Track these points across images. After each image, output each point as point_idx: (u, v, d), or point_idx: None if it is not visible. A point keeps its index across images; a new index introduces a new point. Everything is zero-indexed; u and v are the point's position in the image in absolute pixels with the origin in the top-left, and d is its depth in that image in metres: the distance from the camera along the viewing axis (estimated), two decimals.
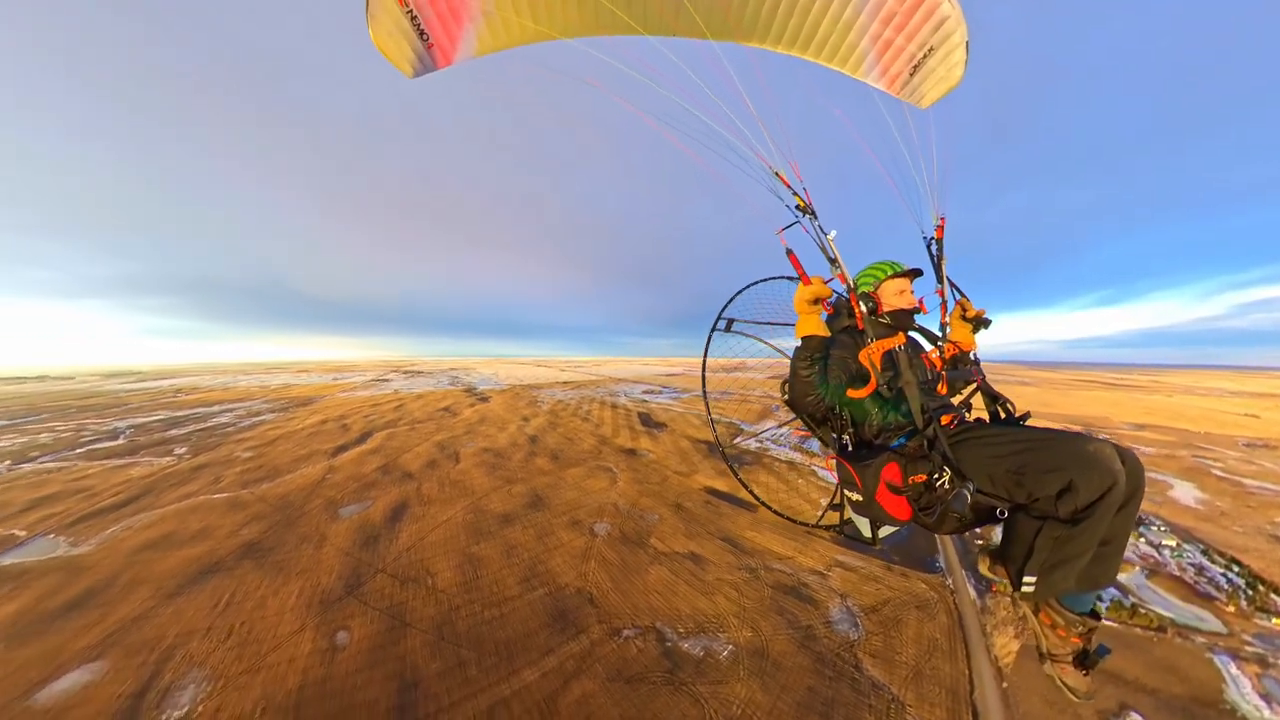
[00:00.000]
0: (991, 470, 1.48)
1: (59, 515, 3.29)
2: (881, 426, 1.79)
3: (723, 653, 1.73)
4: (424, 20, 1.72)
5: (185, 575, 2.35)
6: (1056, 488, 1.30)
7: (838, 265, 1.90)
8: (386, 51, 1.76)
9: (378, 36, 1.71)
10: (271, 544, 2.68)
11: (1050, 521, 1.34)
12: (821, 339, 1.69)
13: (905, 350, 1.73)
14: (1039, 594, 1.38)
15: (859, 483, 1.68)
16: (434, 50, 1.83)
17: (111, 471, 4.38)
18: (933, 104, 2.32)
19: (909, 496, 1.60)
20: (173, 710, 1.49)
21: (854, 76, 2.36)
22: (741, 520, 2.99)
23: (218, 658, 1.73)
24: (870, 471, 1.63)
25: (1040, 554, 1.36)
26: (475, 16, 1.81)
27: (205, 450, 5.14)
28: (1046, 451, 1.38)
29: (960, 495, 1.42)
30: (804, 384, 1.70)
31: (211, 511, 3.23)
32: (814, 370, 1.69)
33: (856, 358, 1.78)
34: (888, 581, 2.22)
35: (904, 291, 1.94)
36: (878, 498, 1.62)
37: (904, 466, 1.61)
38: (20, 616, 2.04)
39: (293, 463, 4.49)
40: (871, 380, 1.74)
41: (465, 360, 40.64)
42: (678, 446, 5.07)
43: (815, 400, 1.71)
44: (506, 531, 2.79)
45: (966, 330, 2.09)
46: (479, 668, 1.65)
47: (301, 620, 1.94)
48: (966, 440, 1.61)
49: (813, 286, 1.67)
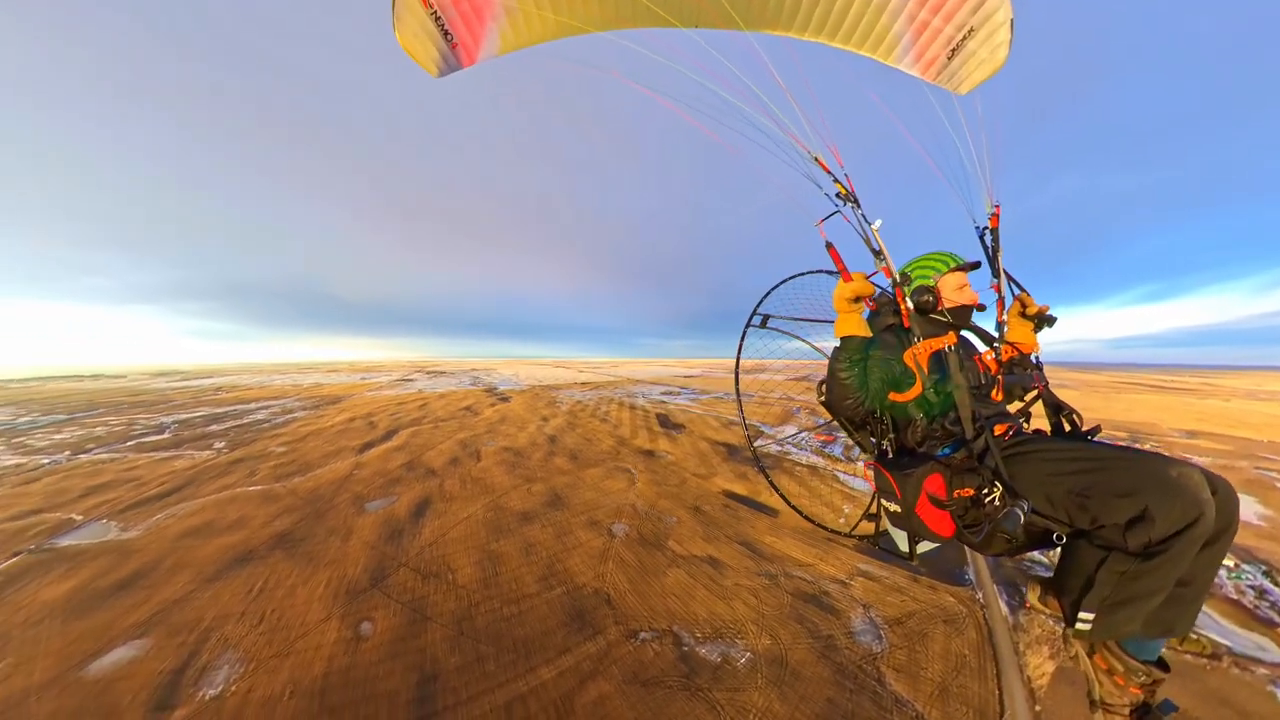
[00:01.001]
0: (1050, 490, 1.33)
1: (111, 502, 3.51)
2: (926, 433, 1.65)
3: (740, 659, 1.70)
4: (448, 20, 1.74)
5: (222, 562, 2.47)
6: (1128, 515, 1.15)
7: (882, 257, 1.75)
8: (412, 52, 1.78)
9: (403, 38, 1.73)
10: (302, 535, 2.78)
11: (1117, 553, 1.19)
12: (862, 339, 1.57)
13: (956, 351, 1.60)
14: (1096, 634, 1.22)
15: (898, 492, 1.55)
16: (458, 49, 1.85)
17: (158, 463, 4.64)
18: (973, 89, 2.16)
19: (953, 511, 1.47)
20: (209, 689, 1.57)
21: (886, 63, 2.22)
22: (761, 525, 2.94)
23: (250, 641, 1.80)
24: (911, 481, 1.51)
25: (1102, 589, 1.20)
26: (498, 14, 1.82)
27: (242, 445, 5.39)
28: (1119, 472, 1.22)
29: (1012, 514, 1.27)
30: (843, 387, 1.58)
31: (247, 503, 3.38)
32: (854, 372, 1.56)
33: (901, 359, 1.65)
34: (913, 593, 2.14)
35: (964, 286, 1.78)
36: (918, 510, 1.51)
37: (949, 478, 1.48)
38: (76, 593, 2.18)
39: (323, 458, 4.67)
40: (917, 383, 1.62)
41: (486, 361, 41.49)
42: (696, 448, 5.03)
43: (855, 404, 1.59)
44: (526, 530, 2.82)
45: (1027, 329, 1.90)
46: (497, 664, 1.67)
47: (328, 609, 2.01)
48: (1023, 454, 1.46)
49: (854, 283, 1.54)
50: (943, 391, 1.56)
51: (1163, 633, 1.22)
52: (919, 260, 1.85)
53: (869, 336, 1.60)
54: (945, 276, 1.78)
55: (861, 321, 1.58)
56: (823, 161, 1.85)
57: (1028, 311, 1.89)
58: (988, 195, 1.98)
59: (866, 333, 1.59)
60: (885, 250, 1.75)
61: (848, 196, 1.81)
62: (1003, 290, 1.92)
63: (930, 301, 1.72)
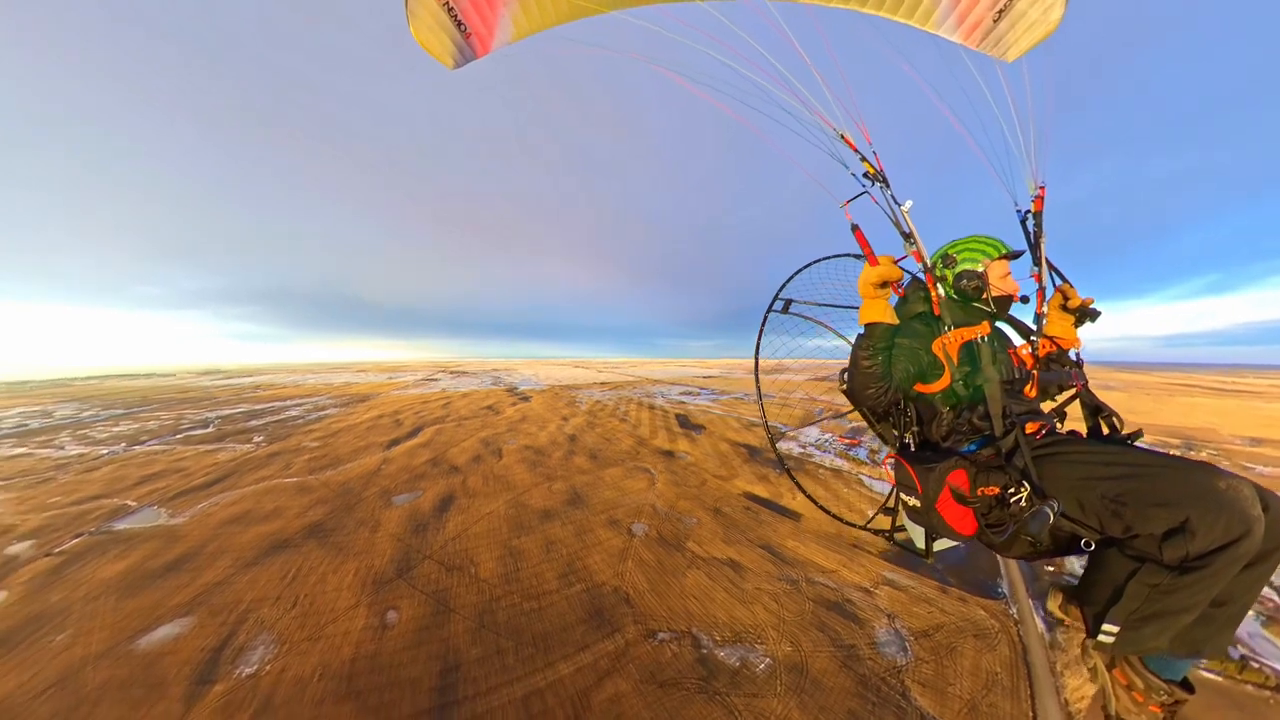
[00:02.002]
0: (1083, 494, 1.27)
1: (161, 490, 3.73)
2: (952, 428, 1.57)
3: (759, 665, 1.67)
4: (460, 11, 1.74)
5: (259, 549, 2.59)
6: (1165, 526, 1.09)
7: (913, 240, 1.65)
8: (428, 46, 1.79)
9: (418, 32, 1.74)
10: (333, 526, 2.89)
11: (1150, 565, 1.13)
12: (888, 326, 1.48)
13: (989, 343, 1.52)
14: (1120, 647, 1.17)
15: (919, 486, 1.47)
16: (472, 39, 1.84)
17: (203, 455, 4.92)
18: (1021, 55, 1.96)
19: (976, 509, 1.41)
20: (245, 667, 1.65)
21: (924, 29, 2.05)
22: (783, 529, 2.89)
23: (284, 624, 1.88)
24: (933, 476, 1.43)
25: (1131, 601, 1.15)
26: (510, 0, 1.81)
27: (278, 440, 5.65)
28: (1159, 481, 1.15)
29: (1039, 516, 1.22)
30: (865, 375, 1.50)
31: (283, 494, 3.54)
32: (877, 360, 1.48)
33: (929, 348, 1.58)
34: (942, 605, 2.06)
35: (1007, 275, 1.68)
36: (938, 506, 1.43)
37: (973, 475, 1.42)
38: (129, 573, 2.33)
39: (352, 453, 4.84)
40: (945, 374, 1.54)
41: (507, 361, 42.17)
42: (716, 449, 4.99)
43: (877, 393, 1.51)
44: (546, 527, 2.85)
45: (1067, 323, 1.78)
46: (516, 657, 1.69)
47: (357, 597, 2.08)
48: (1055, 455, 1.40)
49: (880, 267, 1.45)
50: (972, 384, 1.48)
51: (1190, 653, 1.16)
52: (964, 242, 1.73)
53: (895, 324, 1.50)
54: (994, 263, 1.67)
55: (888, 308, 1.49)
56: (849, 139, 1.73)
57: (1069, 304, 1.76)
58: (1032, 176, 1.82)
59: (893, 320, 1.50)
60: (916, 233, 1.65)
61: (876, 175, 1.70)
62: (1044, 280, 1.78)
63: (978, 287, 1.63)
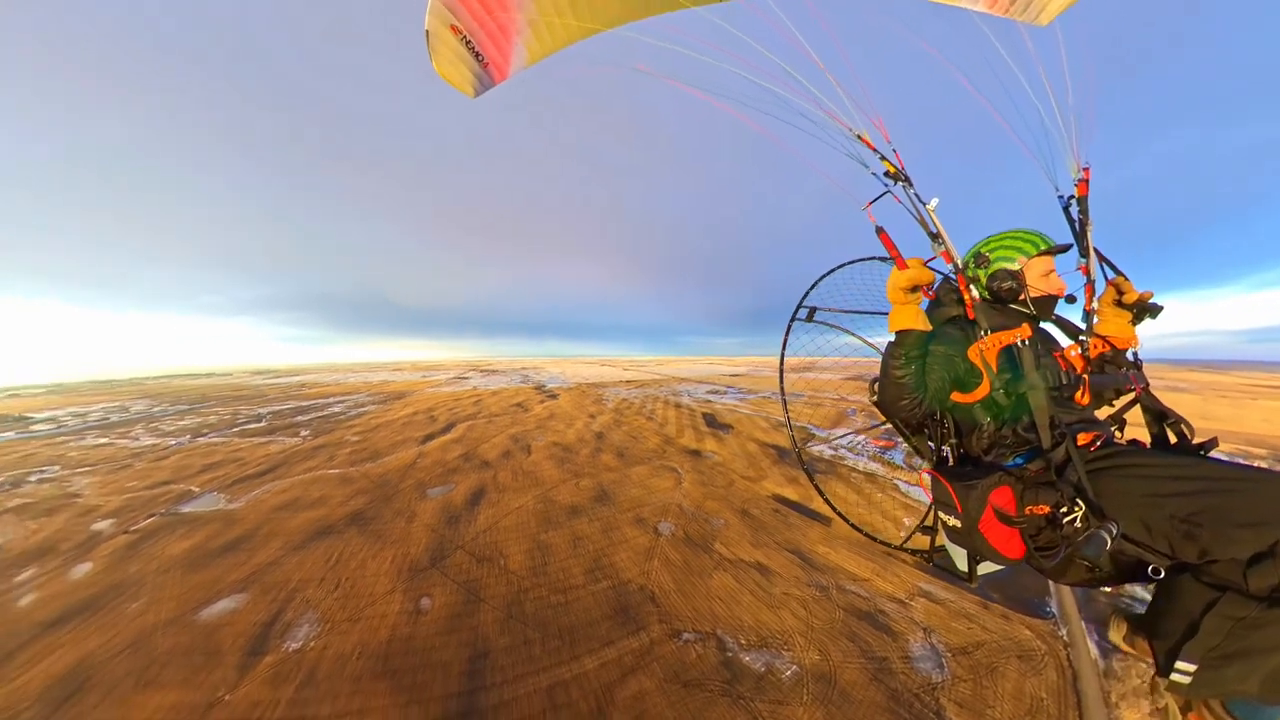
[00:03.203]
0: (1148, 514, 1.14)
1: (221, 477, 4.03)
2: (994, 440, 1.46)
3: (786, 672, 1.64)
4: (477, 44, 1.84)
5: (306, 533, 2.75)
6: (1251, 550, 0.97)
7: (941, 240, 1.55)
8: (449, 78, 1.90)
9: (440, 67, 1.85)
10: (372, 515, 3.04)
11: (1232, 595, 1.01)
12: (920, 333, 1.38)
13: (1031, 346, 1.39)
14: (1198, 690, 1.03)
15: (958, 505, 1.35)
16: (490, 68, 1.94)
17: (256, 447, 5.29)
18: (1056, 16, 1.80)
19: (1023, 530, 1.28)
20: (292, 642, 1.77)
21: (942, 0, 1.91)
22: (813, 533, 2.81)
23: (327, 605, 2.00)
24: (975, 494, 1.31)
25: (1210, 637, 1.01)
26: (522, 28, 1.89)
27: (323, 434, 6.00)
28: (1243, 497, 1.02)
29: (1096, 539, 1.09)
30: (897, 386, 1.40)
31: (327, 484, 3.75)
32: (910, 370, 1.38)
33: (965, 355, 1.47)
34: (983, 621, 1.96)
35: (1050, 273, 1.53)
36: (981, 527, 1.31)
37: (1020, 492, 1.30)
38: (193, 551, 2.53)
39: (390, 447, 5.07)
40: (984, 383, 1.43)
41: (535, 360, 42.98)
42: (744, 449, 4.91)
43: (911, 405, 1.41)
44: (574, 523, 2.90)
45: (1122, 320, 1.60)
46: (542, 648, 1.72)
47: (393, 583, 2.17)
48: (1114, 469, 1.26)
49: (909, 270, 1.35)
50: (1015, 392, 1.36)
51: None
52: (999, 238, 1.60)
53: (928, 330, 1.40)
54: (1033, 260, 1.53)
55: (919, 313, 1.39)
56: (866, 138, 1.64)
57: (1124, 299, 1.59)
58: (1074, 157, 1.64)
59: (925, 326, 1.39)
60: (944, 232, 1.54)
61: (898, 174, 1.60)
62: (1092, 272, 1.61)
63: (1013, 289, 1.50)
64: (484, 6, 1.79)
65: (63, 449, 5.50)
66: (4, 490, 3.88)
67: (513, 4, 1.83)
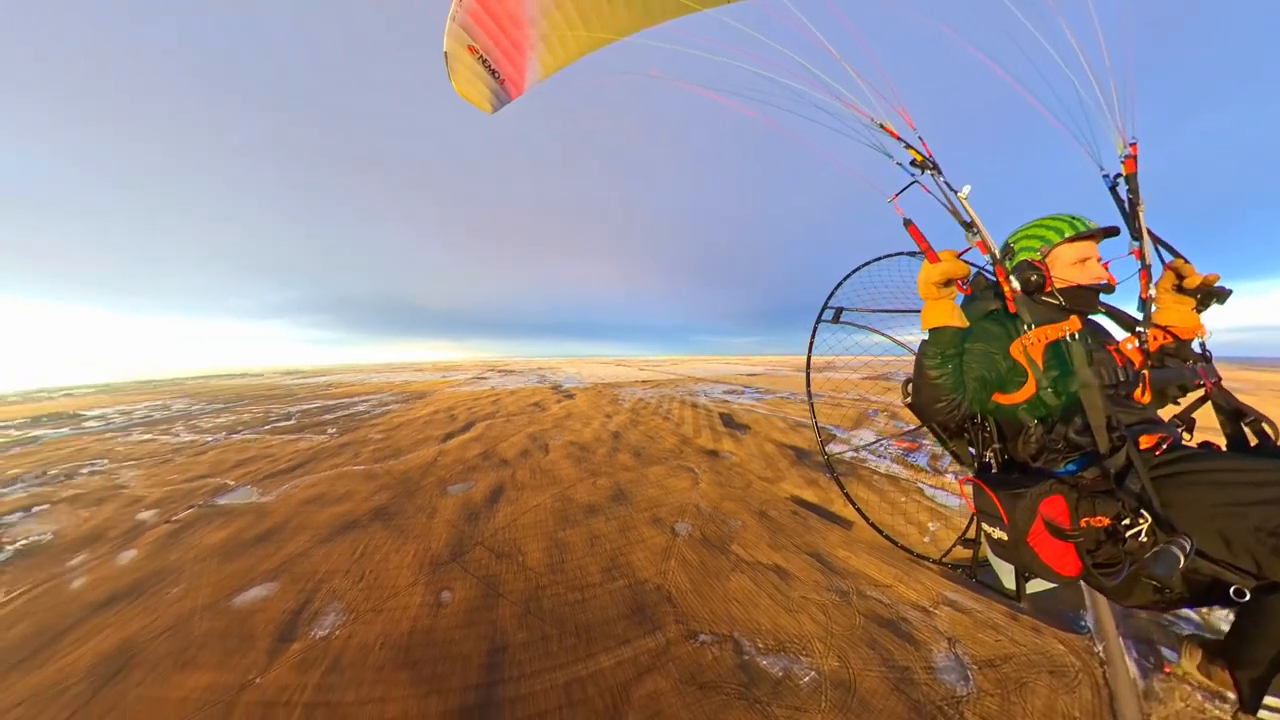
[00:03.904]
0: (1227, 526, 1.02)
1: (254, 472, 4.20)
2: (1043, 444, 1.33)
3: (804, 677, 1.61)
4: (493, 61, 1.91)
5: (333, 527, 2.84)
6: None
7: (975, 230, 1.43)
8: (468, 96, 1.98)
9: (459, 85, 1.92)
10: (395, 510, 3.12)
11: None
12: (956, 330, 1.27)
13: (1081, 340, 1.27)
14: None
15: (1004, 516, 1.23)
16: (506, 84, 2.02)
17: (286, 443, 5.50)
18: None
19: (1079, 545, 1.16)
20: (319, 630, 1.83)
21: None
22: (832, 536, 2.76)
23: (352, 596, 2.06)
24: (1023, 504, 1.19)
25: None
26: (535, 43, 1.95)
27: (348, 432, 6.20)
28: None
29: (1166, 556, 0.97)
30: (934, 387, 1.29)
31: (352, 479, 3.87)
32: (946, 370, 1.28)
33: (1007, 351, 1.35)
34: (1012, 633, 1.89)
35: (1086, 260, 1.39)
36: (1030, 540, 1.19)
37: (1074, 502, 1.17)
38: (228, 541, 2.64)
39: (412, 445, 5.20)
40: (1029, 381, 1.32)
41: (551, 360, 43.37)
42: (762, 450, 4.85)
43: (948, 407, 1.30)
44: (591, 522, 2.91)
45: (1185, 307, 1.45)
46: (559, 645, 1.74)
47: (415, 576, 2.23)
48: (1184, 475, 1.14)
49: (942, 264, 1.25)
50: (1065, 391, 1.24)
51: None
52: (1026, 226, 1.49)
53: (964, 326, 1.30)
54: (1058, 248, 1.40)
55: (954, 308, 1.29)
56: (890, 127, 1.55)
57: (1186, 284, 1.42)
58: (1118, 131, 1.49)
59: (962, 322, 1.29)
60: (978, 220, 1.43)
61: (925, 162, 1.50)
62: (1147, 256, 1.45)
63: (1036, 282, 1.36)
64: (499, 25, 1.85)
65: (111, 444, 5.83)
66: (59, 481, 4.14)
67: (526, 21, 1.88)
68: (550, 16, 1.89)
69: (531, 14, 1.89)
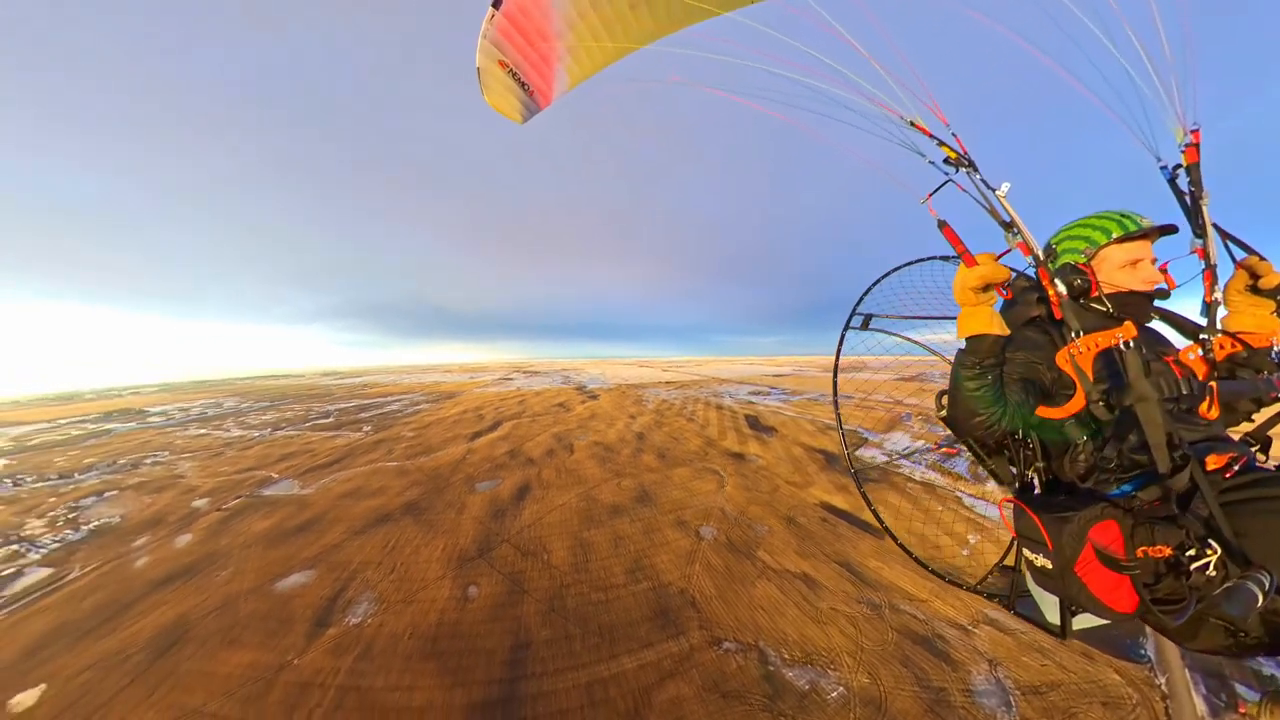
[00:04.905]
0: None
1: (295, 466, 4.44)
2: (1094, 463, 1.22)
3: (832, 693, 1.55)
4: (523, 74, 2.00)
5: (367, 520, 2.96)
6: None
7: (1016, 230, 1.35)
8: (500, 108, 2.11)
9: (491, 99, 2.03)
10: (425, 505, 3.22)
11: None
12: (996, 338, 1.18)
13: (1136, 348, 1.16)
14: None
15: (1048, 542, 1.11)
16: (535, 95, 2.12)
17: (325, 440, 5.78)
18: None
19: (1135, 577, 1.04)
20: (352, 617, 1.90)
21: None
22: (864, 546, 2.66)
23: (383, 586, 2.14)
24: (1070, 529, 1.07)
25: None
26: (562, 55, 2.04)
27: (382, 429, 6.46)
28: None
29: (1240, 593, 0.86)
30: (971, 400, 1.21)
31: (385, 475, 4.02)
32: (985, 382, 1.19)
33: (1052, 361, 1.27)
34: (1060, 658, 1.76)
35: (1138, 262, 1.28)
36: (1078, 569, 1.06)
37: (1129, 529, 1.06)
38: (272, 530, 2.79)
39: (442, 443, 5.37)
40: (1078, 394, 1.20)
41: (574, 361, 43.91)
42: (790, 454, 4.73)
43: (986, 422, 1.22)
44: (615, 522, 2.91)
45: (1262, 310, 1.30)
46: (583, 644, 1.74)
47: (444, 570, 2.29)
48: (1261, 501, 1.02)
49: (980, 267, 1.16)
50: (1119, 405, 1.13)
51: None
52: (1070, 226, 1.38)
53: (1005, 334, 1.20)
54: (1106, 249, 1.29)
55: (993, 315, 1.19)
56: (921, 124, 1.48)
57: (1262, 284, 1.27)
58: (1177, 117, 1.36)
59: (1002, 329, 1.19)
60: (1018, 220, 1.34)
61: (960, 160, 1.42)
62: (1212, 255, 1.32)
63: (1080, 287, 1.27)
64: (527, 40, 1.97)
65: (171, 437, 6.29)
66: (126, 470, 4.50)
67: (553, 34, 1.98)
68: (576, 29, 1.97)
69: (558, 28, 1.97)
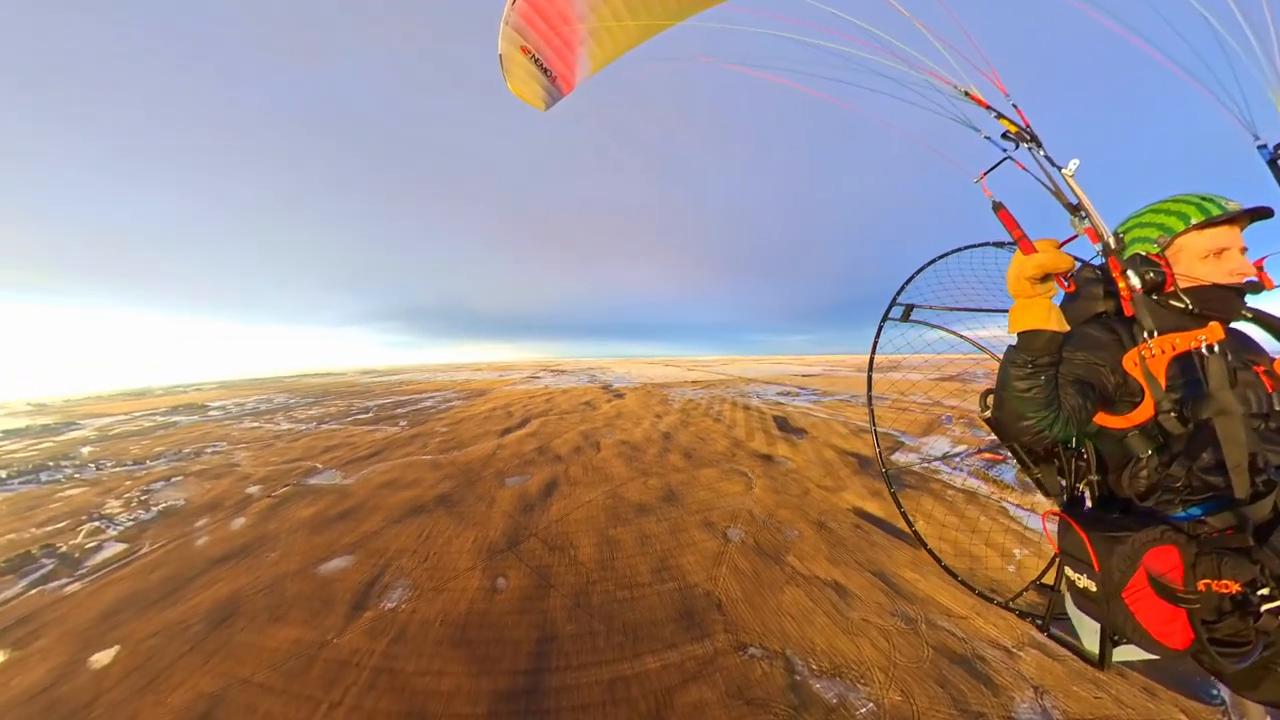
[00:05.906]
0: None
1: (338, 457, 4.68)
2: (1156, 481, 1.10)
3: (861, 709, 1.49)
4: (545, 60, 1.99)
5: (403, 510, 3.08)
6: None
7: (1084, 214, 1.21)
8: (523, 95, 2.09)
9: (514, 86, 2.01)
10: (457, 498, 3.32)
11: None
12: (1052, 335, 1.03)
13: (1221, 353, 1.04)
14: None
15: (1095, 563, 1.02)
16: (558, 81, 2.08)
17: (365, 433, 6.08)
18: None
19: (1194, 611, 0.94)
20: (386, 602, 1.98)
21: None
22: (899, 555, 2.55)
23: (417, 574, 2.22)
24: (1121, 550, 0.98)
25: None
26: (584, 39, 2.00)
27: (417, 425, 6.74)
28: None
29: None
30: (1020, 402, 1.07)
31: (420, 468, 4.18)
32: (1038, 382, 1.05)
33: (1118, 364, 1.14)
34: (1118, 691, 1.63)
35: (1224, 251, 1.11)
36: (1126, 596, 0.97)
37: (1191, 557, 0.95)
38: (316, 516, 2.96)
39: (473, 438, 5.53)
40: (1145, 402, 1.09)
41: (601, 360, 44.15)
42: (821, 456, 4.59)
43: (1036, 427, 1.07)
44: (641, 521, 2.91)
45: None
46: (607, 641, 1.75)
47: (474, 561, 2.35)
48: None
49: (1039, 255, 1.00)
50: (1194, 418, 1.02)
51: None
52: (1143, 212, 1.23)
53: (1063, 330, 1.05)
54: (1183, 236, 1.13)
55: (1051, 309, 1.05)
56: (975, 94, 1.33)
57: None
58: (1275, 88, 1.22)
59: (1060, 326, 1.04)
60: (1087, 202, 1.19)
61: (1021, 134, 1.28)
62: None
63: (1153, 280, 1.13)
64: (549, 24, 1.96)
65: (228, 429, 6.78)
66: (190, 458, 4.88)
67: (575, 16, 1.97)
68: (598, 11, 1.97)
69: (580, 10, 1.97)
